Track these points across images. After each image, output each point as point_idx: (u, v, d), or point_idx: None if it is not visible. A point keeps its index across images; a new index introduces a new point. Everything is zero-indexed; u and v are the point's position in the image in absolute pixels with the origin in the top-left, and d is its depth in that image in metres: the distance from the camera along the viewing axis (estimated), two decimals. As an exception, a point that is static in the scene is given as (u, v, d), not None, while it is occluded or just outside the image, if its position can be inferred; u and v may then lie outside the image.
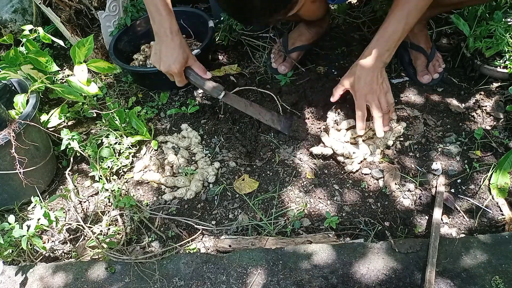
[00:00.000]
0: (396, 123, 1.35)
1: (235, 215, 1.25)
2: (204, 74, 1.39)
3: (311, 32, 1.65)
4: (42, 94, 1.64)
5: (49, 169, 1.42)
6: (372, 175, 1.29)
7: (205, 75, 1.39)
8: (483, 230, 1.14)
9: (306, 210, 1.23)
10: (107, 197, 1.32)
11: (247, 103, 1.43)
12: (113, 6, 1.79)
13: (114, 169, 1.39)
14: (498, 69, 1.46)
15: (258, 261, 1.07)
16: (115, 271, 1.10)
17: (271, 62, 1.69)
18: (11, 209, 1.35)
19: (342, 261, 1.05)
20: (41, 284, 1.10)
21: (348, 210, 1.22)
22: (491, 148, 1.31)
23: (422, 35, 1.54)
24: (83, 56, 1.35)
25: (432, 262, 1.01)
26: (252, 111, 1.42)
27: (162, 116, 1.62)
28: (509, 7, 1.48)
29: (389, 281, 1.01)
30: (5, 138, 1.18)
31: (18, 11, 2.11)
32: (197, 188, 1.32)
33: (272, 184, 1.30)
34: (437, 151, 1.33)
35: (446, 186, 1.24)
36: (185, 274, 1.07)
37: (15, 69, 1.35)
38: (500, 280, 0.97)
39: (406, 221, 1.18)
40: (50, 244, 1.26)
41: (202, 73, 1.39)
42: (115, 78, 1.83)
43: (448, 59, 1.62)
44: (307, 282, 1.02)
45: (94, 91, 1.34)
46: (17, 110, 1.30)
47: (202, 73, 1.39)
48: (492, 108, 1.43)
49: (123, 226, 1.25)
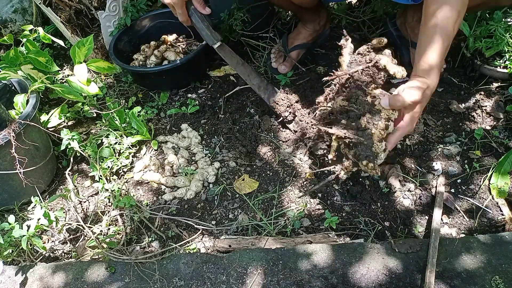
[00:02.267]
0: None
1: (235, 215, 1.25)
2: (203, 9, 1.38)
3: (308, 30, 1.66)
4: (42, 94, 1.64)
5: (49, 169, 1.42)
6: (372, 176, 1.29)
7: (203, 10, 1.38)
8: (483, 230, 1.14)
9: (306, 210, 1.22)
10: (107, 197, 1.32)
11: (239, 61, 1.40)
12: (113, 6, 1.79)
13: (114, 169, 1.39)
14: (498, 69, 1.46)
15: (258, 261, 1.07)
16: (115, 271, 1.10)
17: (271, 62, 1.69)
18: (11, 209, 1.35)
19: (342, 261, 1.05)
20: (41, 284, 1.10)
21: (348, 210, 1.22)
22: (491, 148, 1.31)
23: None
24: (83, 56, 1.35)
25: (432, 262, 1.01)
26: (242, 70, 1.39)
27: (162, 116, 1.62)
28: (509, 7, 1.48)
29: (389, 281, 1.01)
30: (5, 138, 1.18)
31: (18, 11, 2.11)
32: (197, 188, 1.32)
33: (272, 184, 1.30)
34: (437, 151, 1.33)
35: (446, 186, 1.24)
36: (185, 274, 1.07)
37: (15, 69, 1.35)
38: (500, 280, 0.97)
39: (406, 221, 1.18)
40: (50, 244, 1.26)
41: (201, 8, 1.37)
42: (115, 78, 1.83)
43: (448, 59, 1.62)
44: (307, 282, 1.02)
45: (94, 91, 1.34)
46: (17, 110, 1.30)
47: (201, 8, 1.37)
48: (492, 108, 1.43)
49: (123, 226, 1.25)
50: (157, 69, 1.63)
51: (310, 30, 1.66)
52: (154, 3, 2.01)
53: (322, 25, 1.67)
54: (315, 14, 1.62)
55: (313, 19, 1.64)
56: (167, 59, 1.73)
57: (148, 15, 1.85)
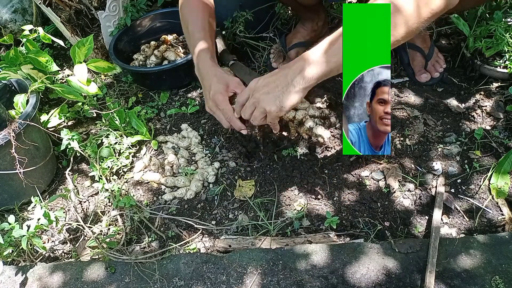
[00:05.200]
0: None
1: (235, 215, 1.25)
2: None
3: (306, 29, 1.68)
4: (42, 94, 1.64)
5: (49, 169, 1.42)
6: (372, 176, 1.29)
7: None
8: (483, 230, 1.14)
9: (306, 210, 1.23)
10: (107, 197, 1.32)
11: (247, 71, 1.41)
12: (113, 6, 1.79)
13: (114, 169, 1.39)
14: (498, 69, 1.46)
15: (258, 261, 1.07)
16: (115, 271, 1.10)
17: (271, 62, 1.70)
18: (11, 209, 1.35)
19: (342, 261, 1.05)
20: (41, 284, 1.10)
21: (348, 210, 1.22)
22: (491, 148, 1.31)
23: (418, 35, 1.54)
24: (83, 56, 1.35)
25: (432, 262, 1.01)
26: (249, 79, 1.40)
27: (162, 116, 1.62)
28: (509, 7, 1.48)
29: (389, 281, 1.01)
30: (5, 138, 1.18)
31: (18, 11, 2.11)
32: (197, 188, 1.32)
33: (272, 184, 1.30)
34: (437, 151, 1.33)
35: (446, 186, 1.24)
36: (185, 274, 1.07)
37: (15, 69, 1.35)
38: (500, 280, 0.97)
39: (406, 221, 1.18)
40: (50, 244, 1.26)
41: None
42: (115, 78, 1.83)
43: (448, 59, 1.62)
44: (307, 282, 1.02)
45: (94, 91, 1.34)
46: (17, 110, 1.30)
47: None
48: (492, 108, 1.43)
49: (123, 226, 1.25)
50: (157, 69, 1.63)
51: (308, 30, 1.68)
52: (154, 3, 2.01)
53: (320, 25, 1.69)
54: (314, 14, 1.64)
55: (312, 18, 1.66)
56: (167, 59, 1.73)
57: (148, 15, 1.85)
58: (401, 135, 1.38)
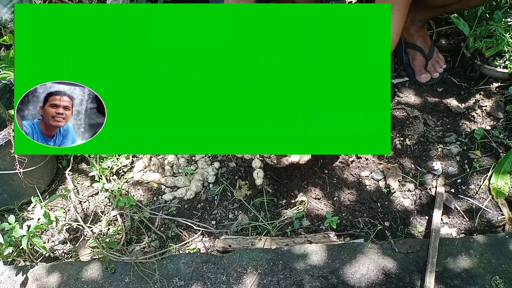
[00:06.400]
0: None
1: (235, 215, 1.25)
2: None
3: None
4: (42, 94, 1.63)
5: (49, 169, 1.42)
6: (372, 176, 1.29)
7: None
8: (483, 230, 1.14)
9: (306, 210, 1.23)
10: (107, 197, 1.32)
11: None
12: (113, 6, 1.79)
13: (114, 169, 1.39)
14: (498, 69, 1.46)
15: (258, 261, 1.07)
16: (115, 271, 1.10)
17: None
18: (11, 209, 1.35)
19: (342, 261, 1.05)
20: (41, 284, 1.10)
21: (348, 210, 1.22)
22: (491, 148, 1.31)
23: (418, 35, 1.54)
24: (83, 56, 1.34)
25: (432, 262, 1.01)
26: None
27: (162, 116, 1.62)
28: (509, 7, 1.48)
29: (389, 281, 1.01)
30: (5, 138, 1.18)
31: (18, 11, 2.11)
32: (197, 188, 1.32)
33: (272, 184, 1.30)
34: (437, 151, 1.33)
35: (446, 186, 1.24)
36: (185, 274, 1.07)
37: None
38: (500, 280, 0.97)
39: (406, 221, 1.18)
40: (50, 244, 1.26)
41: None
42: (115, 78, 1.83)
43: (448, 59, 1.62)
44: (307, 282, 1.02)
45: (94, 91, 1.34)
46: (17, 110, 1.30)
47: None
48: (492, 108, 1.43)
49: (123, 226, 1.25)
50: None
51: None
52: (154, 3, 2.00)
53: None
54: None
55: None
56: (167, 59, 1.73)
57: (148, 15, 1.84)
58: (401, 135, 1.38)
